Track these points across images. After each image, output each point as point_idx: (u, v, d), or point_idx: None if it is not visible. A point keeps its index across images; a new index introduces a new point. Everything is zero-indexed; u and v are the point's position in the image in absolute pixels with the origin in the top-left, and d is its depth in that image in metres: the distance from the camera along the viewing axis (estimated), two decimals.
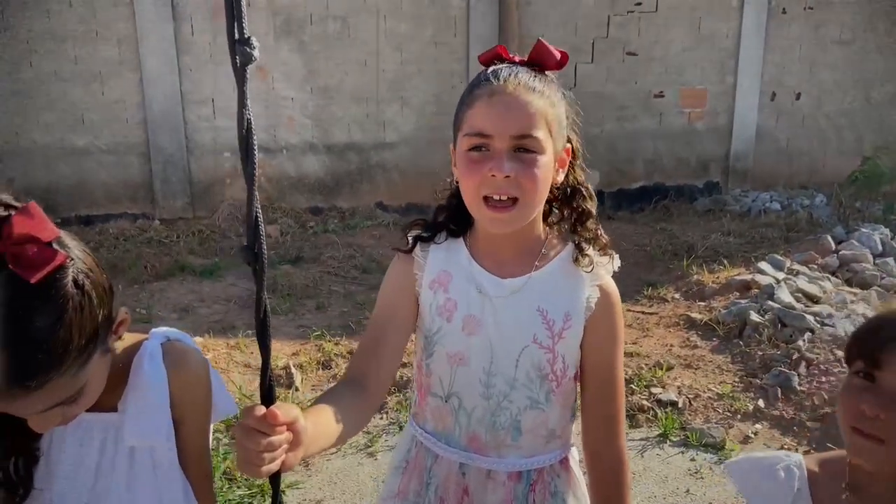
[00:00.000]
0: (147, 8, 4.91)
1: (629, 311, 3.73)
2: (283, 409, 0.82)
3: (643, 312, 3.76)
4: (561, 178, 1.13)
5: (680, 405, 2.75)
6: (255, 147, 0.81)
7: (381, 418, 2.80)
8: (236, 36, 0.79)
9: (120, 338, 0.97)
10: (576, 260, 1.13)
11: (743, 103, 6.04)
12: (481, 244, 1.16)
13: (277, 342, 3.44)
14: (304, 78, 5.35)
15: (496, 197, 1.05)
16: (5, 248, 0.81)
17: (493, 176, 1.03)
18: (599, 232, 1.16)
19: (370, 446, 2.60)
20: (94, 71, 4.94)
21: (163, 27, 4.97)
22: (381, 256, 4.75)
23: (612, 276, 1.16)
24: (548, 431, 1.17)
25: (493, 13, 5.44)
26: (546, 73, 1.10)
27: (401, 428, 2.71)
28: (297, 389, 2.95)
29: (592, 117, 5.92)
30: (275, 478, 0.84)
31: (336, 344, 3.38)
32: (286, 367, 3.07)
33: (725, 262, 4.24)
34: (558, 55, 1.10)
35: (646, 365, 3.10)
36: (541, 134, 1.05)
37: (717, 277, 4.01)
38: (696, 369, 3.05)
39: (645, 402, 2.77)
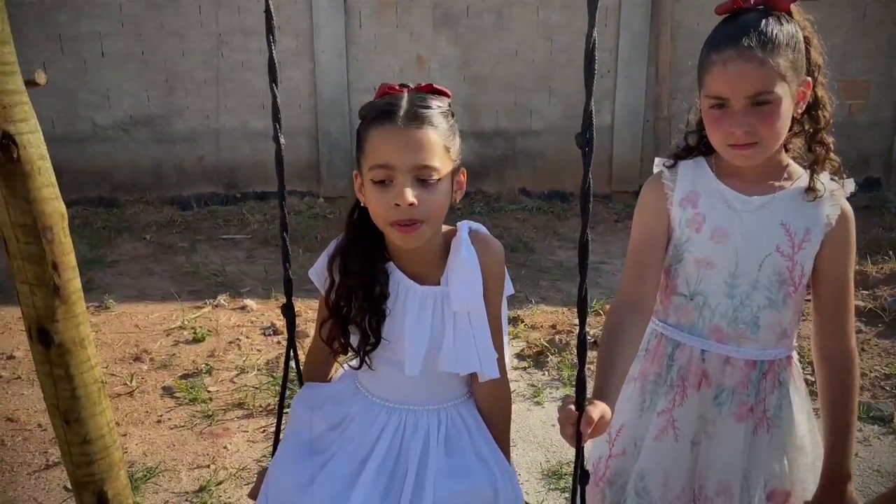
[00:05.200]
0: (322, 4, 5.38)
1: None
2: (595, 412, 1.07)
3: (808, 301, 3.72)
4: (802, 108, 1.26)
5: None
6: None
7: (544, 374, 3.00)
8: None
9: (461, 189, 1.26)
10: (811, 187, 1.28)
11: None
12: (726, 167, 1.33)
13: None
14: (458, 67, 5.64)
15: (738, 143, 1.22)
16: None
17: (731, 132, 1.21)
18: (831, 146, 1.29)
19: (536, 396, 2.80)
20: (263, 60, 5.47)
21: (335, 21, 5.43)
22: (527, 238, 4.95)
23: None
24: (781, 330, 1.34)
25: (645, 3, 5.49)
26: (779, 12, 1.21)
27: (564, 384, 2.89)
28: None
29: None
30: (584, 479, 1.15)
31: None
32: None
33: (891, 253, 4.09)
34: None
35: (807, 345, 3.10)
36: (777, 88, 1.18)
37: (882, 268, 3.89)
38: (862, 351, 3.01)
39: (809, 377, 2.79)
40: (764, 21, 1.19)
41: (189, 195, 5.60)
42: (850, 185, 1.31)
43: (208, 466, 2.39)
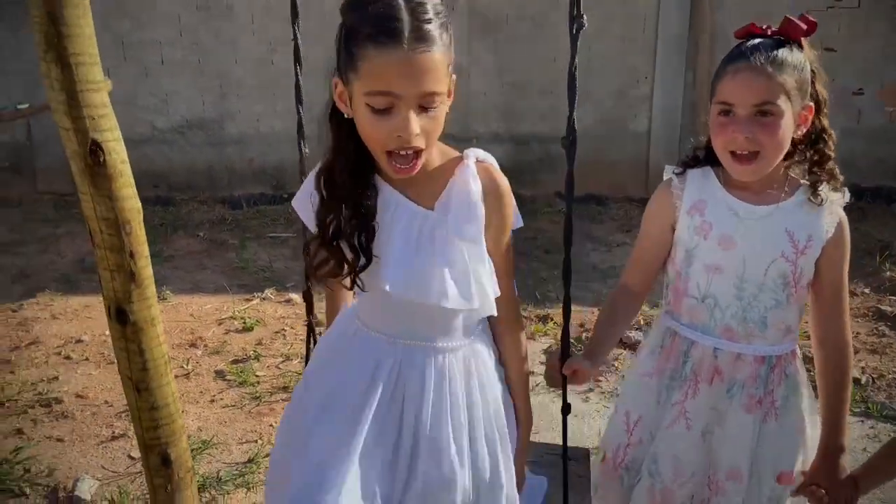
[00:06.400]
0: None
1: None
2: (577, 362, 1.41)
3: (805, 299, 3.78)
4: (802, 131, 1.38)
5: (863, 382, 2.83)
6: None
7: None
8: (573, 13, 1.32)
9: (450, 95, 1.14)
10: (812, 196, 1.40)
11: None
12: (733, 178, 1.44)
13: None
14: (496, 74, 5.80)
15: (739, 152, 1.34)
16: None
17: (734, 137, 1.33)
18: (836, 171, 1.42)
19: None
20: (323, 69, 5.72)
21: None
22: (561, 240, 5.07)
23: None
24: (786, 326, 1.46)
25: (683, 10, 5.56)
26: (792, 42, 1.34)
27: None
28: None
29: None
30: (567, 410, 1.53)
31: (525, 309, 3.77)
32: None
33: None
34: (804, 26, 1.35)
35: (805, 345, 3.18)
36: (780, 101, 1.30)
37: None
38: (882, 354, 3.08)
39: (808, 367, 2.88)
40: (776, 45, 1.34)
41: (239, 195, 5.90)
42: (846, 196, 1.43)
43: (256, 441, 2.63)
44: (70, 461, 2.52)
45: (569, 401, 1.51)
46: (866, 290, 3.88)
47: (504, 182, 1.25)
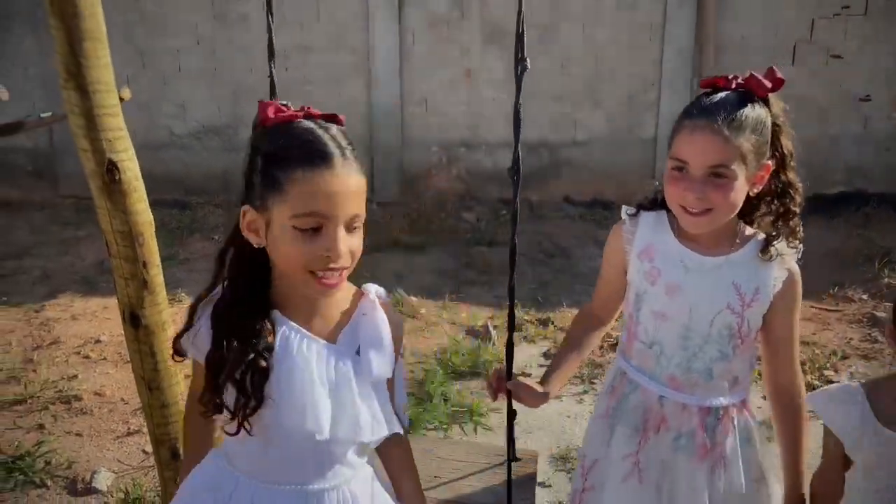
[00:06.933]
0: (379, 22, 5.75)
1: (811, 307, 3.83)
2: (523, 383, 1.50)
3: (825, 309, 3.84)
4: (758, 189, 1.35)
5: None
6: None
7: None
8: (518, 56, 1.33)
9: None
10: (763, 250, 1.37)
11: None
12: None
13: (476, 306, 4.02)
14: (505, 81, 5.90)
15: (689, 209, 1.32)
16: None
17: (685, 195, 1.31)
18: (798, 228, 1.39)
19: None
20: (334, 76, 5.88)
21: (390, 38, 5.79)
22: (568, 244, 5.18)
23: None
24: (732, 378, 1.43)
25: (690, 19, 5.63)
26: (756, 99, 1.30)
27: (583, 381, 3.13)
28: (493, 344, 3.49)
29: (790, 120, 5.86)
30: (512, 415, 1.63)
31: (527, 312, 3.87)
32: (485, 325, 3.62)
33: None
34: (769, 84, 1.30)
35: (821, 353, 3.24)
36: (734, 166, 1.27)
37: None
38: (872, 359, 3.15)
39: (816, 382, 2.95)
40: (738, 103, 1.28)
41: None
42: (799, 252, 1.40)
43: None
44: (88, 455, 2.66)
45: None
46: (864, 297, 3.93)
47: (398, 316, 1.25)
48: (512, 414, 1.65)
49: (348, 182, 1.07)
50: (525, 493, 1.66)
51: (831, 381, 2.95)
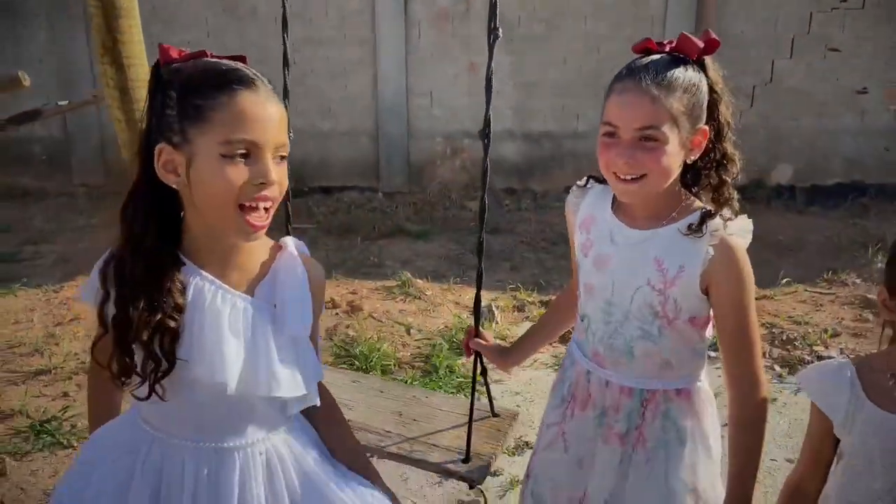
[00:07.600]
0: (385, 16, 5.87)
1: (805, 290, 3.95)
2: (483, 347, 1.67)
3: (819, 292, 3.96)
4: (695, 155, 1.27)
5: None
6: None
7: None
8: (490, 25, 1.45)
9: None
10: (698, 225, 1.25)
11: None
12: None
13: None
14: (509, 73, 6.03)
15: (621, 176, 1.24)
16: None
17: (615, 161, 1.23)
18: (733, 199, 1.29)
19: (557, 366, 3.19)
20: (340, 69, 6.01)
21: (396, 31, 5.91)
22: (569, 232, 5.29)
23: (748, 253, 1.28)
24: (661, 360, 1.33)
25: (690, 12, 5.75)
26: (689, 62, 1.23)
27: None
28: (497, 322, 3.62)
29: (788, 113, 5.98)
30: (483, 373, 1.77)
31: (529, 294, 4.00)
32: (488, 306, 3.74)
33: None
34: (701, 44, 1.23)
35: (813, 331, 3.36)
36: (664, 128, 1.19)
37: None
38: (863, 337, 3.26)
39: (806, 357, 3.07)
40: (668, 64, 1.22)
41: None
42: (741, 223, 1.28)
43: None
44: None
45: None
46: (857, 280, 4.04)
47: (321, 271, 1.20)
48: (483, 371, 1.80)
49: (273, 109, 1.05)
50: (495, 443, 1.75)
51: (820, 356, 3.06)
